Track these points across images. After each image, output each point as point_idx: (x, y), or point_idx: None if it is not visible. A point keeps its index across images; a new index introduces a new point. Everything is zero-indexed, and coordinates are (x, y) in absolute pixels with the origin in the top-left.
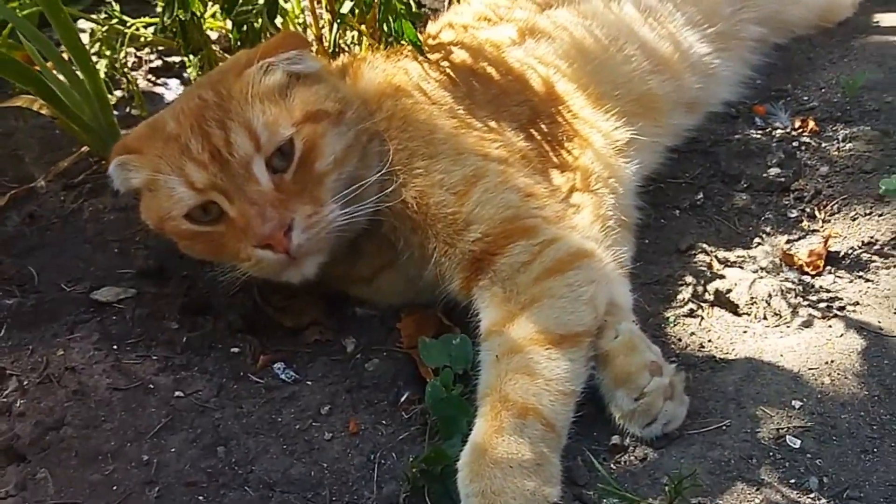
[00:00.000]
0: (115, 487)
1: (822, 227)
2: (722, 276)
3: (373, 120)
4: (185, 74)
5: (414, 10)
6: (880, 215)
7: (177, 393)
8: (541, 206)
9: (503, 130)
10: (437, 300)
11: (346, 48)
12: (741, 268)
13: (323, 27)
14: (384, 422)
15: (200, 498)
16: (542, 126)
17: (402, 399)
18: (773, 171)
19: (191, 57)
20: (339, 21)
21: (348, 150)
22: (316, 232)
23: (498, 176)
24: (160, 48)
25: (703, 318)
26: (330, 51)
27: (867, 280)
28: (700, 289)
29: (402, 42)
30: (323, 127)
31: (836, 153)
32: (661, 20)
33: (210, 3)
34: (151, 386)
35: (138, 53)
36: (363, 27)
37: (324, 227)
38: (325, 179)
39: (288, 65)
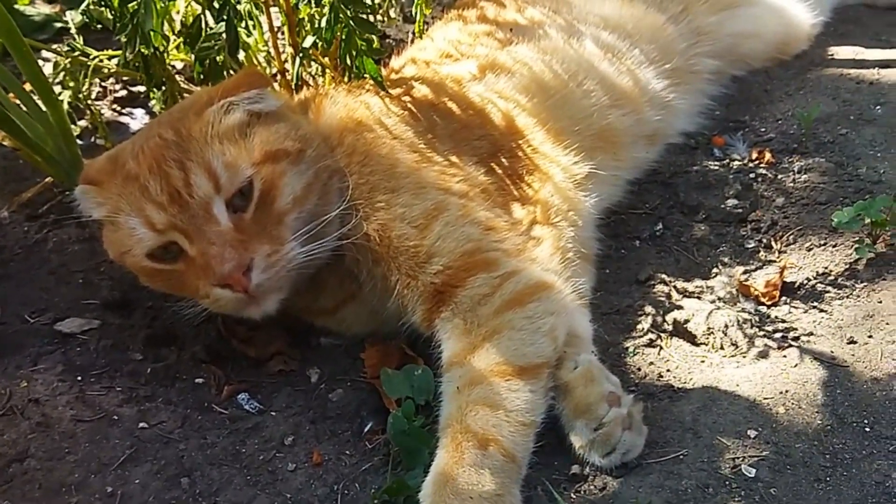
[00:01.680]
0: None
1: (778, 257)
2: (680, 307)
3: (333, 156)
4: (150, 104)
5: (375, 45)
6: (834, 246)
7: (141, 424)
8: (501, 240)
9: (464, 165)
10: (401, 331)
11: (311, 81)
12: (699, 298)
13: (286, 61)
14: (348, 452)
15: None
16: (503, 160)
17: (366, 429)
18: (731, 202)
19: (154, 90)
20: (301, 55)
21: (308, 189)
22: (276, 271)
23: (458, 210)
24: (125, 78)
25: (661, 348)
26: (293, 84)
27: (821, 310)
28: (659, 319)
29: (365, 77)
30: (282, 167)
31: (791, 185)
32: (619, 56)
33: (173, 37)
34: (115, 417)
35: (103, 83)
36: (326, 60)
37: (283, 266)
38: (285, 218)
39: (249, 104)
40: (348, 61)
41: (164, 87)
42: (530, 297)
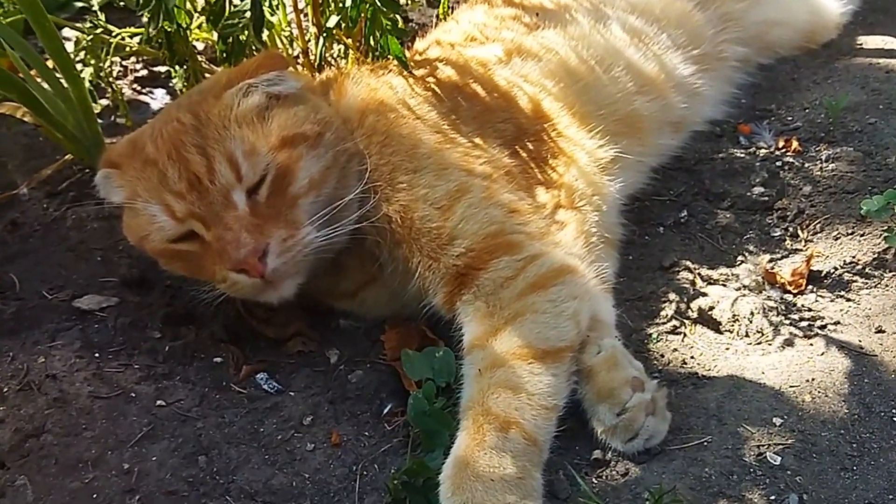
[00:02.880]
0: (94, 495)
1: (804, 246)
2: (705, 294)
3: (353, 139)
4: (171, 84)
5: (400, 25)
6: (862, 235)
7: (159, 402)
8: (524, 223)
9: (488, 147)
10: (421, 314)
11: (333, 62)
12: (724, 286)
13: (309, 40)
14: (367, 433)
15: None
16: (528, 144)
17: (385, 411)
18: (757, 190)
19: (176, 68)
20: (325, 35)
21: (326, 172)
22: (292, 256)
23: (482, 192)
24: (146, 58)
25: (685, 335)
26: (316, 64)
27: (848, 300)
28: (683, 306)
29: (388, 57)
30: (299, 151)
31: (819, 173)
32: (646, 41)
33: (196, 15)
34: (133, 394)
35: (124, 63)
36: (349, 41)
37: (300, 251)
38: (300, 202)
39: (268, 86)
40: (372, 41)
41: (186, 65)
42: (554, 281)
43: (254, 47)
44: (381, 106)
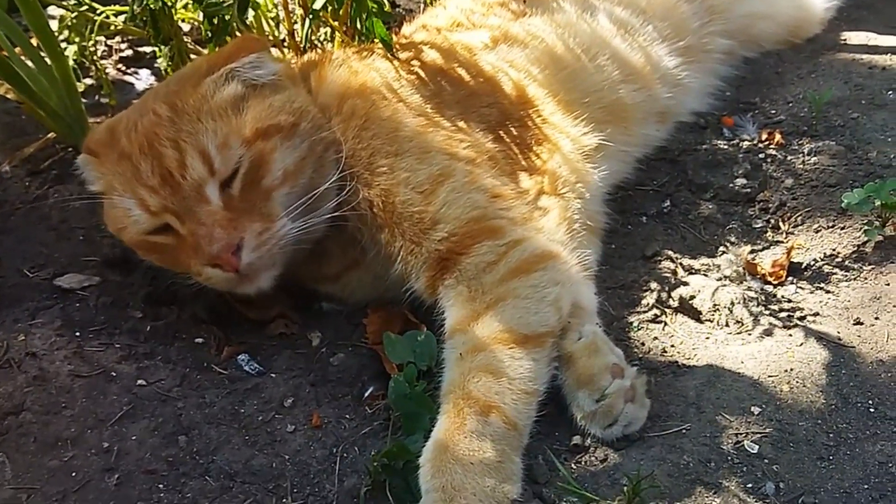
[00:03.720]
0: (73, 474)
1: (785, 238)
2: (686, 284)
3: (330, 126)
4: (155, 65)
5: (386, 9)
6: (842, 228)
7: (139, 381)
8: (507, 208)
9: (471, 131)
10: (404, 298)
11: (319, 44)
12: (705, 275)
13: (295, 22)
14: (348, 416)
15: (160, 486)
16: (512, 129)
17: (367, 394)
18: (740, 181)
19: (161, 47)
20: (311, 17)
21: (301, 163)
22: (267, 249)
23: (465, 176)
24: (131, 37)
25: (666, 324)
26: (302, 46)
27: (828, 291)
28: (664, 295)
29: (374, 40)
30: (273, 143)
31: (801, 166)
32: (632, 32)
33: None
34: (114, 374)
35: (109, 42)
36: (336, 24)
37: (275, 244)
38: (274, 194)
39: (248, 69)
40: (358, 24)
41: (171, 45)
42: (536, 266)
43: (237, 29)
44: (362, 89)
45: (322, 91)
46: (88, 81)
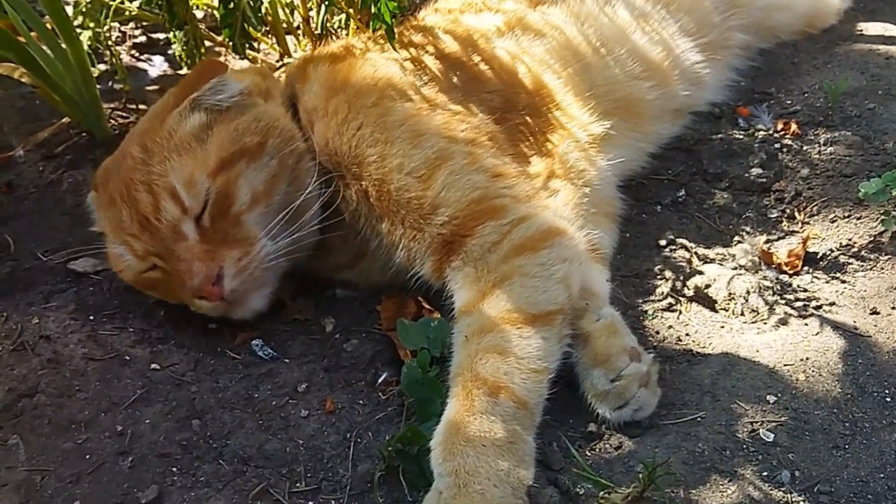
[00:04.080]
0: (87, 456)
1: (801, 228)
2: (701, 272)
3: (312, 131)
4: (169, 52)
5: None
6: (858, 219)
7: (153, 365)
8: (510, 186)
9: (471, 113)
10: (411, 284)
11: (333, 31)
12: (720, 265)
13: (311, 9)
14: (361, 401)
15: (174, 469)
16: (520, 116)
17: (380, 380)
18: (755, 171)
19: (176, 32)
20: (326, 3)
21: (272, 181)
22: (249, 273)
23: (464, 157)
24: (145, 23)
25: (681, 313)
26: (317, 32)
27: (844, 281)
28: (679, 284)
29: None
30: (237, 169)
31: (817, 156)
32: (654, 26)
33: None
34: (127, 357)
35: (123, 28)
36: (351, 10)
37: (257, 266)
38: (243, 218)
39: (210, 95)
40: (373, 8)
41: (185, 29)
42: (542, 243)
43: (250, 18)
44: (344, 84)
45: (306, 96)
46: (102, 67)
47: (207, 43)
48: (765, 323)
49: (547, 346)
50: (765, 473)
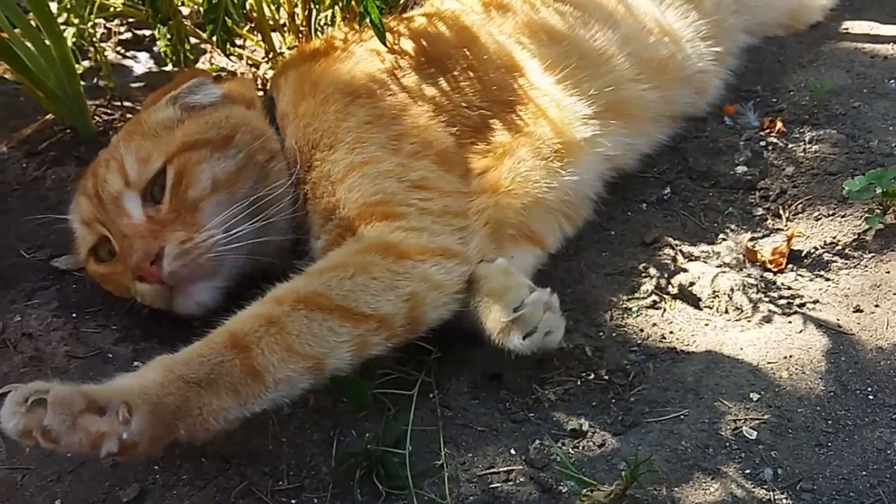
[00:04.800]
0: (68, 454)
1: (785, 225)
2: (685, 270)
3: (281, 136)
4: (155, 48)
5: None
6: (843, 216)
7: (136, 363)
8: (428, 199)
9: (429, 124)
10: None
11: (319, 28)
12: (705, 262)
13: (296, 5)
14: (344, 399)
15: (156, 467)
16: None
17: None
18: (740, 169)
19: (160, 28)
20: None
21: (236, 173)
22: (191, 259)
23: (390, 166)
24: (131, 20)
25: (665, 310)
26: (309, 30)
27: (828, 279)
28: (663, 281)
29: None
30: (201, 154)
31: (802, 154)
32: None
33: None
34: (110, 355)
35: (108, 25)
36: (337, 7)
37: (202, 253)
38: (202, 204)
39: (186, 93)
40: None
41: (168, 24)
42: (419, 256)
43: (233, 13)
44: (314, 89)
45: (280, 104)
46: (87, 64)
47: (193, 40)
48: (749, 321)
49: (329, 338)
50: (747, 471)
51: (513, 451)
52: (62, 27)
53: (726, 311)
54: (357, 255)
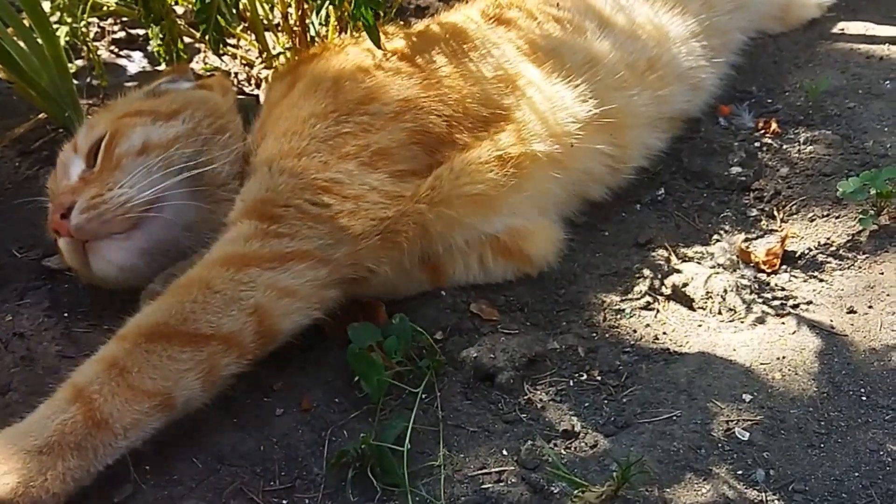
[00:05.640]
0: None
1: (780, 226)
2: (679, 271)
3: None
4: (148, 48)
5: None
6: (837, 218)
7: None
8: (323, 203)
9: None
10: None
11: (313, 25)
12: (699, 263)
13: (289, 4)
14: (337, 400)
15: (147, 468)
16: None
17: (356, 378)
18: (735, 170)
19: (153, 27)
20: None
21: (174, 139)
22: (98, 213)
23: (306, 162)
24: (124, 19)
25: (658, 311)
26: (304, 31)
27: (821, 280)
28: (657, 282)
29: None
30: (139, 119)
31: (796, 155)
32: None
33: None
34: None
35: (101, 24)
36: (331, 8)
37: (109, 209)
38: (124, 162)
39: (166, 83)
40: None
41: (161, 24)
42: (267, 264)
43: (225, 12)
44: (290, 85)
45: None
46: (80, 63)
47: (187, 39)
48: (742, 322)
49: (171, 367)
50: (740, 472)
51: (504, 452)
52: (55, 26)
53: (720, 312)
54: (203, 269)
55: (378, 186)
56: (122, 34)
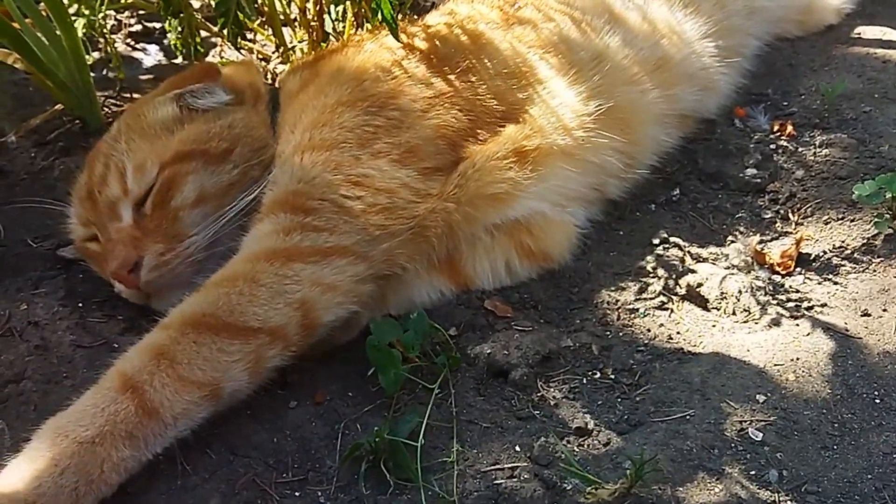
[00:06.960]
0: None
1: (794, 229)
2: (694, 271)
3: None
4: (165, 41)
5: None
6: (852, 221)
7: None
8: (357, 197)
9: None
10: None
11: (330, 20)
12: (713, 264)
13: (307, 0)
14: (350, 394)
15: (161, 458)
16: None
17: (370, 372)
18: (750, 171)
19: (171, 21)
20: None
21: (227, 188)
22: (170, 269)
23: (338, 156)
24: (141, 12)
25: (672, 311)
26: (311, 24)
27: (836, 283)
28: (671, 282)
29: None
30: (191, 166)
31: (812, 158)
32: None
33: None
34: (116, 345)
35: (118, 16)
36: (348, 2)
37: (179, 262)
38: (181, 214)
39: (190, 97)
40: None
41: (180, 17)
42: (310, 258)
43: (244, 7)
44: (313, 76)
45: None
46: (97, 55)
47: (204, 33)
48: (756, 323)
49: (221, 359)
50: (752, 472)
51: (517, 448)
52: (73, 18)
53: (734, 313)
54: (246, 263)
55: (409, 183)
56: (138, 27)
